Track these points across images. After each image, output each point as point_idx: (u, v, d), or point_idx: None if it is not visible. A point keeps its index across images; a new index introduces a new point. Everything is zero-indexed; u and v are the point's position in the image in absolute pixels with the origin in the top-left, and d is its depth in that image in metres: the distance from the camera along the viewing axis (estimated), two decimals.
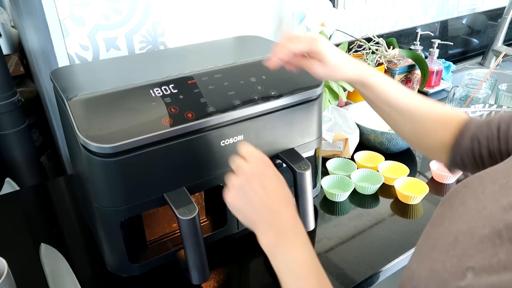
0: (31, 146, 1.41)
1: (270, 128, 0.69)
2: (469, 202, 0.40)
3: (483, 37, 1.87)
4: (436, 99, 1.40)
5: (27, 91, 1.57)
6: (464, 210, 0.40)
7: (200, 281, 0.63)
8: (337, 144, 1.00)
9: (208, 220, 0.78)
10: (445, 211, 0.43)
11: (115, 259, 0.67)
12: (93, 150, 0.56)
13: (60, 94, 0.63)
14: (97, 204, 0.61)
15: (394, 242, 0.76)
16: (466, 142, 0.57)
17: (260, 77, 0.69)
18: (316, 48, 0.59)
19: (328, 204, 0.87)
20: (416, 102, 0.62)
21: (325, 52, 0.59)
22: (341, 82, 1.12)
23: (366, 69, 0.63)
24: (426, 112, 0.62)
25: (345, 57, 0.62)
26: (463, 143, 0.57)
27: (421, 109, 0.62)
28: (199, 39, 1.07)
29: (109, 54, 0.96)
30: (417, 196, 0.85)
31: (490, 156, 0.54)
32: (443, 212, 0.43)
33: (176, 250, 0.70)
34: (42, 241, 0.77)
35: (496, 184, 0.39)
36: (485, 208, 0.37)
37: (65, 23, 0.88)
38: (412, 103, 0.62)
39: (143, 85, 0.62)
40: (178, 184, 0.64)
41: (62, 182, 1.00)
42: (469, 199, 0.41)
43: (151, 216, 0.72)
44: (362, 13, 1.39)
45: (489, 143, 0.54)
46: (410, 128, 0.64)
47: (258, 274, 0.70)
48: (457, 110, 0.62)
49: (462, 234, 0.37)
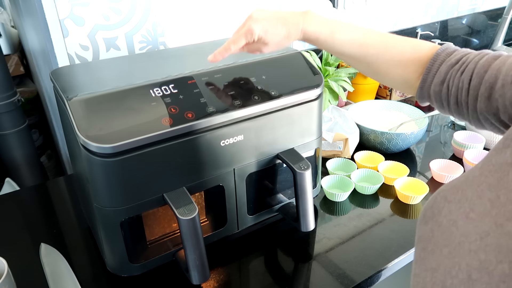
0: (31, 146, 1.41)
1: (270, 128, 0.69)
2: (461, 223, 0.36)
3: (483, 37, 1.87)
4: None
5: (27, 91, 1.57)
6: (460, 235, 0.36)
7: (200, 281, 0.63)
8: (337, 144, 1.00)
9: (208, 220, 0.78)
10: (434, 231, 0.39)
11: (115, 259, 0.67)
12: (93, 150, 0.56)
13: (60, 94, 0.63)
14: (97, 204, 0.61)
15: (394, 242, 0.76)
16: (435, 85, 0.56)
17: (260, 77, 0.69)
18: (254, 40, 0.62)
19: (328, 204, 0.87)
20: (369, 44, 0.61)
21: (262, 38, 0.62)
22: (341, 82, 1.12)
23: (307, 29, 0.62)
24: (381, 54, 0.61)
25: (281, 30, 0.62)
26: (431, 84, 0.56)
27: (374, 53, 0.61)
28: (199, 39, 1.07)
29: (109, 54, 0.96)
30: (417, 196, 0.85)
31: (457, 105, 0.54)
32: (432, 232, 0.39)
33: (176, 250, 0.70)
34: (42, 241, 0.77)
35: (484, 199, 0.35)
36: (488, 234, 0.33)
37: (65, 23, 0.88)
38: (363, 49, 0.61)
39: (143, 85, 0.62)
40: (178, 184, 0.64)
41: (62, 182, 1.00)
42: (459, 219, 0.37)
43: (151, 216, 0.72)
44: (362, 13, 1.39)
45: (458, 93, 0.53)
46: (366, 69, 0.65)
47: (258, 274, 0.70)
48: (425, 44, 0.59)
49: (476, 270, 0.33)
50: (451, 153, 1.07)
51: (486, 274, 0.32)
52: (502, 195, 0.34)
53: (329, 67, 1.14)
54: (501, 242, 0.32)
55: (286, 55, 0.76)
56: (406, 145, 1.02)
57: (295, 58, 0.76)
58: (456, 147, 1.02)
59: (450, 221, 0.37)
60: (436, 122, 1.25)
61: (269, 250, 0.76)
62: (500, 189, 0.35)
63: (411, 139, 1.00)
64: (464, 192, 0.38)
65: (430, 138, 1.15)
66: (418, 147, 1.10)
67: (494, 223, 0.33)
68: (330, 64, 1.16)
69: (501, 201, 0.34)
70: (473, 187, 0.37)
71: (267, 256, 0.74)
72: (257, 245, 0.77)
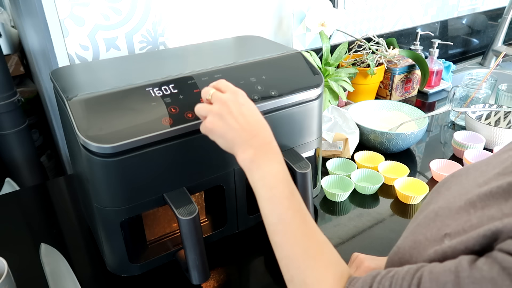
0: (31, 146, 1.41)
1: (270, 128, 0.69)
2: (453, 187, 0.44)
3: (483, 37, 1.87)
4: (436, 99, 1.40)
5: (27, 91, 1.57)
6: (447, 193, 0.44)
7: (200, 281, 0.63)
8: (337, 144, 1.00)
9: (208, 220, 0.78)
10: (432, 197, 0.46)
11: (115, 259, 0.67)
12: (93, 150, 0.56)
13: (60, 94, 0.63)
14: (97, 204, 0.61)
15: (394, 242, 0.76)
16: None
17: (260, 77, 0.69)
18: None
19: (328, 204, 0.87)
20: None
21: None
22: (341, 82, 1.12)
23: None
24: None
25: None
26: None
27: None
28: (199, 39, 1.07)
29: (109, 54, 0.96)
30: (417, 196, 0.85)
31: None
32: (430, 198, 0.46)
33: (176, 250, 0.70)
34: (42, 241, 0.77)
35: (478, 171, 0.43)
36: (465, 189, 0.41)
37: (65, 23, 0.88)
38: None
39: (143, 85, 0.62)
40: (178, 184, 0.64)
41: (62, 182, 1.00)
42: (453, 185, 0.44)
43: (151, 216, 0.72)
44: (362, 13, 1.39)
45: None
46: None
47: (258, 274, 0.70)
48: None
49: (442, 209, 0.41)
50: (451, 153, 1.07)
51: (448, 210, 0.39)
52: (490, 167, 0.42)
53: (329, 67, 1.14)
54: (469, 190, 0.40)
55: (286, 55, 0.76)
56: (406, 145, 1.02)
57: (295, 58, 0.76)
58: (456, 147, 1.02)
59: (446, 188, 0.45)
60: (436, 122, 1.25)
61: (269, 250, 0.75)
62: (491, 163, 0.43)
63: (411, 139, 1.00)
64: (468, 169, 0.45)
65: (430, 138, 1.15)
66: (418, 147, 1.10)
67: (473, 182, 0.41)
68: (330, 64, 1.16)
69: (488, 169, 0.41)
70: (477, 165, 0.45)
71: (267, 256, 0.74)
72: (257, 245, 0.77)
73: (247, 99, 0.56)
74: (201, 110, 0.56)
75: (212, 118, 0.54)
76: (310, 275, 0.45)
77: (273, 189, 0.49)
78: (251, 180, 0.51)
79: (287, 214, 0.49)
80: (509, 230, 0.32)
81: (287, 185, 0.50)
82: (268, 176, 0.50)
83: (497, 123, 1.14)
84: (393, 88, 1.33)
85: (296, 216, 0.49)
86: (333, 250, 0.49)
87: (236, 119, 0.52)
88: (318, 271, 0.45)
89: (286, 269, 0.48)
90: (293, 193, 0.50)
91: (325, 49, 1.16)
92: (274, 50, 0.78)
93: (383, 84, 1.34)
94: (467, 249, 0.34)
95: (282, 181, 0.50)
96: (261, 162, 0.51)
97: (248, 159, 0.51)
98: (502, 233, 0.32)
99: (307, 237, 0.48)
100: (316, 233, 0.49)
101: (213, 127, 0.54)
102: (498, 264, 0.31)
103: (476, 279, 0.31)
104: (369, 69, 1.22)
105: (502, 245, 0.32)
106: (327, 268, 0.46)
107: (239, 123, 0.52)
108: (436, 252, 0.36)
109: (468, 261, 0.33)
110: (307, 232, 0.48)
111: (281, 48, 0.80)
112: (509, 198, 0.34)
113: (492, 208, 0.35)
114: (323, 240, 0.49)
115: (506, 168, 0.38)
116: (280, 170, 0.51)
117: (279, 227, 0.49)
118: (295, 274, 0.47)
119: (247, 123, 0.52)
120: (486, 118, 1.15)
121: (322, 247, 0.48)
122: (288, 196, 0.49)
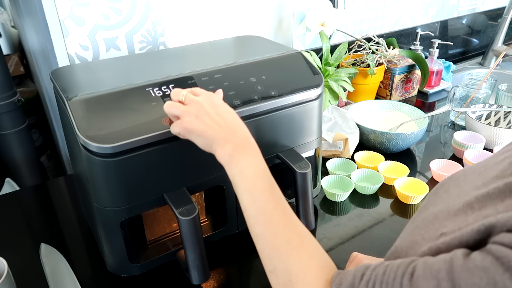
0: (31, 146, 1.41)
1: (270, 128, 0.69)
2: (452, 189, 0.44)
3: (483, 37, 1.87)
4: (436, 99, 1.40)
5: (27, 91, 1.57)
6: (446, 196, 0.44)
7: (200, 281, 0.63)
8: (337, 144, 1.00)
9: (208, 220, 0.78)
10: (430, 199, 0.46)
11: (115, 259, 0.67)
12: (93, 150, 0.56)
13: (60, 94, 0.64)
14: (97, 204, 0.61)
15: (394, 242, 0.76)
16: None
17: (260, 77, 0.69)
18: None
19: (328, 204, 0.87)
20: None
21: None
22: (341, 82, 1.12)
23: None
24: None
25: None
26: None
27: None
28: (199, 39, 1.07)
29: (109, 54, 0.96)
30: (417, 196, 0.85)
31: None
32: (429, 201, 0.46)
33: (176, 250, 0.70)
34: (42, 241, 0.77)
35: (476, 173, 0.43)
36: (463, 191, 0.41)
37: (65, 23, 0.88)
38: None
39: (143, 85, 0.62)
40: (178, 184, 0.64)
41: (62, 182, 1.00)
42: (452, 187, 0.44)
43: (151, 216, 0.72)
44: (362, 13, 1.39)
45: None
46: None
47: (258, 274, 0.70)
48: None
49: (441, 211, 0.41)
50: (451, 153, 1.07)
51: (447, 212, 0.40)
52: (488, 169, 0.41)
53: (329, 67, 1.14)
54: (467, 192, 0.40)
55: (286, 55, 0.76)
56: (406, 145, 1.02)
57: (295, 58, 0.76)
58: (456, 147, 1.02)
59: (445, 190, 0.45)
60: (436, 122, 1.25)
61: None
62: (488, 165, 0.43)
63: (411, 139, 1.00)
64: (466, 171, 0.46)
65: (430, 138, 1.15)
66: (418, 147, 1.10)
67: (472, 184, 0.41)
68: (330, 64, 1.16)
69: (486, 171, 0.41)
70: (474, 167, 0.45)
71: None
72: None
73: (222, 101, 0.57)
74: (173, 109, 0.55)
75: (189, 119, 0.54)
76: (294, 264, 0.45)
77: (253, 182, 0.50)
78: (230, 174, 0.52)
79: (268, 205, 0.49)
80: (502, 224, 0.32)
81: (267, 178, 0.51)
82: (248, 170, 0.51)
83: (497, 123, 1.14)
84: (393, 88, 1.33)
85: (278, 208, 0.49)
86: (316, 242, 0.49)
87: (213, 119, 0.53)
88: (302, 260, 0.46)
89: (268, 260, 0.48)
90: (273, 187, 0.51)
91: (325, 49, 1.16)
92: (274, 50, 0.78)
93: (383, 84, 1.34)
94: (461, 244, 0.35)
95: (263, 174, 0.51)
96: (241, 157, 0.51)
97: (227, 154, 0.52)
98: (496, 228, 0.33)
99: (289, 229, 0.48)
100: (298, 225, 0.49)
101: (192, 127, 0.54)
102: (491, 254, 0.31)
103: (469, 267, 0.32)
104: (369, 69, 1.22)
105: (495, 238, 0.32)
106: (311, 258, 0.46)
107: (216, 122, 0.53)
108: (431, 248, 0.37)
109: (463, 253, 0.34)
110: (289, 224, 0.49)
111: (281, 48, 0.80)
112: (505, 198, 0.35)
113: (488, 208, 0.36)
114: (305, 233, 0.49)
115: (504, 170, 0.39)
116: (260, 164, 0.52)
117: (260, 218, 0.49)
118: (278, 264, 0.47)
119: (225, 122, 0.54)
120: (486, 118, 1.15)
121: (304, 239, 0.48)
122: (269, 189, 0.50)
